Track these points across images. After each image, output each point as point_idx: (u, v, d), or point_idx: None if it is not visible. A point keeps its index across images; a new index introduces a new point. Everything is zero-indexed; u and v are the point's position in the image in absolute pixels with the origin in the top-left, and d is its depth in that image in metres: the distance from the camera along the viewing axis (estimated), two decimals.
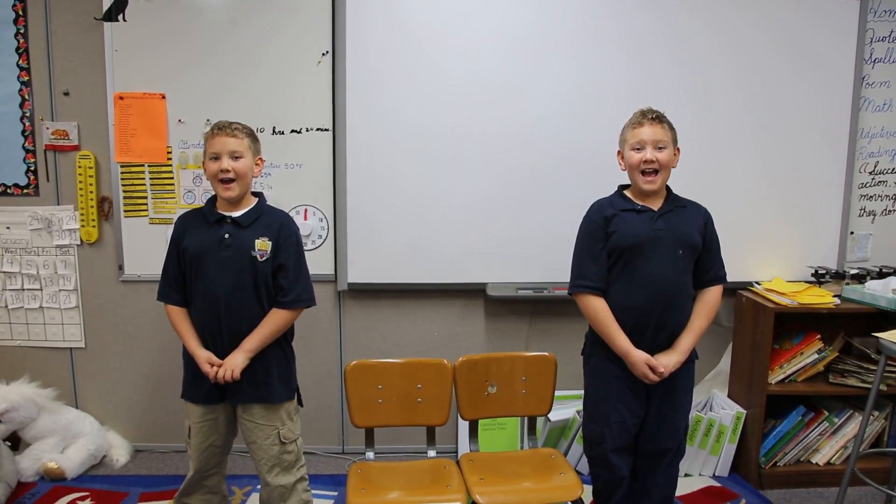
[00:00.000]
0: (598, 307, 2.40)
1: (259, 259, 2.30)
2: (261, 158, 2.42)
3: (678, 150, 2.44)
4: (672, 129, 2.41)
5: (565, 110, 3.23)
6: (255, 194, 2.44)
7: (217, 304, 2.29)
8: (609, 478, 2.50)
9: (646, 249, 2.35)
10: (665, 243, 2.35)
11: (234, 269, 2.29)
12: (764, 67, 3.28)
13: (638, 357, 2.34)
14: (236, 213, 2.34)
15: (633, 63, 3.23)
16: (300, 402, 2.52)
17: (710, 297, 2.45)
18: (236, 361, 2.27)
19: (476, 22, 3.17)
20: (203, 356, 2.30)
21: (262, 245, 2.31)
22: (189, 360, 2.38)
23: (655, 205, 2.41)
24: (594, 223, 2.43)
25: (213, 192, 2.38)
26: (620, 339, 2.36)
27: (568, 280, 2.49)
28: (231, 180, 2.29)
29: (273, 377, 2.37)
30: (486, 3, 3.16)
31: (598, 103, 3.21)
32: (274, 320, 2.33)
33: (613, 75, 3.22)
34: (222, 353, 2.31)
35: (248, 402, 2.36)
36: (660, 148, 2.35)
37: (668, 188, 2.46)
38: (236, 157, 2.29)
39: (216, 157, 2.29)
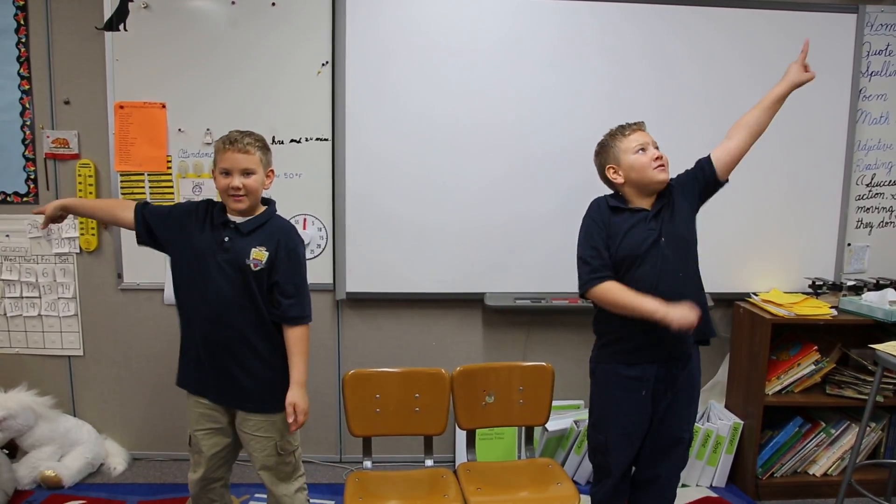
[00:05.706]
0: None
1: (253, 268, 2.24)
2: (272, 170, 2.36)
3: None
4: None
5: (568, 123, 3.24)
6: (266, 202, 2.38)
7: (210, 308, 2.25)
8: (610, 486, 2.50)
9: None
10: None
11: (229, 274, 2.24)
12: (760, 79, 3.28)
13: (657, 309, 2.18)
14: (240, 220, 2.29)
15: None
16: None
17: None
18: (298, 398, 2.25)
19: (476, 32, 3.19)
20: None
21: (258, 255, 2.25)
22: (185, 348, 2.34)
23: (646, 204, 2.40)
24: None
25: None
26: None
27: (564, 290, 2.49)
28: (242, 195, 2.25)
29: (276, 389, 2.30)
30: (488, 12, 3.18)
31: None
32: (300, 340, 2.30)
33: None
34: (210, 359, 2.27)
35: (249, 410, 2.32)
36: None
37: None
38: (248, 174, 2.24)
39: (227, 173, 2.24)
